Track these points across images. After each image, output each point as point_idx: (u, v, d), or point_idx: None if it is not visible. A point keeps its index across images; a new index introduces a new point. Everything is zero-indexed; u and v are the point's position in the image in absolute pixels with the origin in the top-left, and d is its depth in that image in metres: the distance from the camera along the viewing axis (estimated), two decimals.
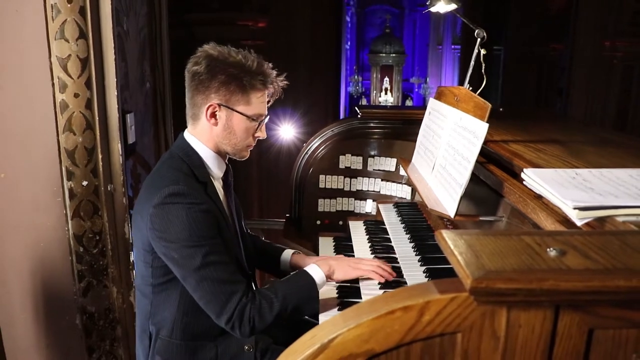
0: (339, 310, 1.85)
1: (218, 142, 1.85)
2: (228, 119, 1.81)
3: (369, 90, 19.50)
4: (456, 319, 0.91)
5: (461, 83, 2.33)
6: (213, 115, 1.80)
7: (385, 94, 19.01)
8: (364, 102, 19.18)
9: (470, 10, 10.33)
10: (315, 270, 1.86)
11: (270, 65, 1.85)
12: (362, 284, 1.96)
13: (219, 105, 1.79)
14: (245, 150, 1.90)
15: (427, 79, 18.97)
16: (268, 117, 1.90)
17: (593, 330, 0.92)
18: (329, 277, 1.88)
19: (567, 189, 1.26)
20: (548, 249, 0.93)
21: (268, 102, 1.89)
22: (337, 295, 1.95)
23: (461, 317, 0.91)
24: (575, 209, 1.17)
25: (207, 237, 1.69)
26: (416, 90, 19.72)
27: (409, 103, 19.24)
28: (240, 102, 1.80)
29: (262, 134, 1.90)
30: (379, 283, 1.94)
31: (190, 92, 1.83)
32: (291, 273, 2.03)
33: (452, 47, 16.46)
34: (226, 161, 1.93)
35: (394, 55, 18.83)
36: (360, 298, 1.88)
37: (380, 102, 18.47)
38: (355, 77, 19.36)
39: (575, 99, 6.27)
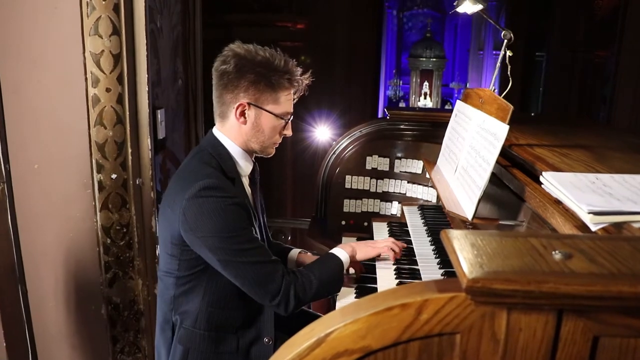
0: (355, 288, 2.12)
1: (246, 140, 1.89)
2: (257, 117, 1.85)
3: (408, 94, 19.33)
4: (455, 319, 0.90)
5: (501, 90, 2.29)
6: (242, 114, 1.84)
7: (425, 98, 18.81)
8: (402, 106, 19.03)
9: (513, 15, 10.16)
10: (340, 252, 1.99)
11: (295, 62, 1.88)
12: (378, 279, 2.06)
13: (249, 104, 1.83)
14: (271, 147, 1.94)
15: (467, 85, 18.69)
16: (293, 114, 1.93)
17: (598, 337, 0.88)
18: (352, 258, 2.03)
19: (584, 193, 1.23)
20: (553, 252, 0.90)
21: (293, 99, 1.92)
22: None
23: (460, 318, 0.89)
24: (589, 213, 1.14)
25: (242, 228, 1.76)
26: (456, 95, 19.43)
27: (448, 108, 18.99)
28: (269, 101, 1.84)
29: (288, 132, 1.94)
30: (397, 285, 1.96)
31: (219, 91, 1.87)
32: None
33: (494, 52, 16.18)
34: (253, 159, 1.98)
35: (434, 59, 18.62)
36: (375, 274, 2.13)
37: (418, 107, 18.29)
38: (395, 80, 19.23)
39: (620, 108, 6.08)
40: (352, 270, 2.17)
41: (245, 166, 1.93)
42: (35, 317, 2.55)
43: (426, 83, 18.85)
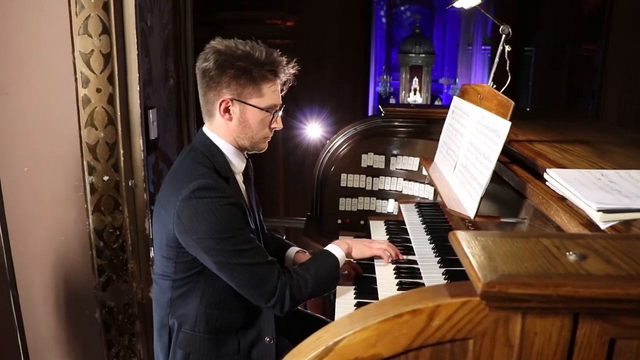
0: (354, 287, 2.04)
1: (235, 137, 1.84)
2: (242, 113, 1.80)
3: (398, 90, 19.33)
4: (468, 324, 0.87)
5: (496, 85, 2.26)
6: (227, 110, 1.80)
7: (414, 94, 18.82)
8: (392, 102, 19.02)
9: (503, 11, 10.20)
10: (336, 249, 1.97)
11: (279, 52, 1.83)
12: (378, 278, 2.02)
13: (232, 100, 1.78)
14: (262, 142, 1.89)
15: (457, 80, 18.71)
16: (283, 106, 1.88)
17: (615, 340, 0.86)
18: (348, 255, 2.00)
19: (591, 190, 1.20)
20: (567, 253, 0.88)
21: (281, 90, 1.87)
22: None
23: (473, 323, 0.87)
24: (599, 211, 1.11)
25: (237, 228, 1.72)
26: (445, 91, 19.47)
27: (437, 104, 19.01)
28: (253, 95, 1.79)
29: (278, 125, 1.89)
30: (397, 284, 1.94)
31: (203, 89, 1.83)
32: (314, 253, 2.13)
33: (483, 47, 16.18)
34: (245, 155, 1.93)
35: (423, 55, 18.63)
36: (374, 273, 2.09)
37: (408, 103, 18.29)
38: (384, 77, 19.22)
39: (609, 102, 6.10)
40: (346, 272, 2.13)
41: (238, 163, 1.89)
42: (27, 323, 2.49)
43: (416, 79, 18.85)
